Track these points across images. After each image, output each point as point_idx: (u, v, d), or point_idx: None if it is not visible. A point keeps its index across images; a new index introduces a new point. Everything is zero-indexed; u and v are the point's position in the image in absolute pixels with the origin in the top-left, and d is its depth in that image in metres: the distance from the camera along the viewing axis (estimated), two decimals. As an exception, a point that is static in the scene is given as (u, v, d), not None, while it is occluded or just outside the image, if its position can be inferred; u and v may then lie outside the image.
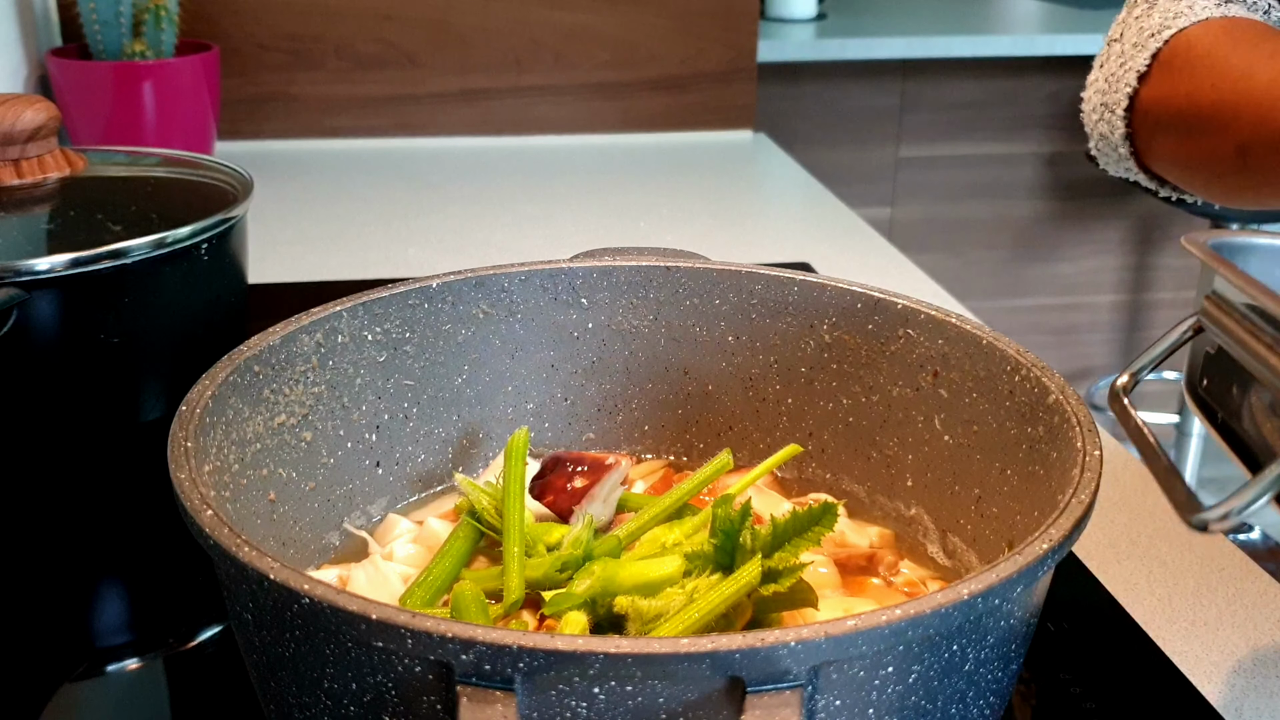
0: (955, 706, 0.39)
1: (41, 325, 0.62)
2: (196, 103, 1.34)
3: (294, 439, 0.53)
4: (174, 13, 1.31)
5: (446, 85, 1.57)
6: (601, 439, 0.63)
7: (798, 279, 0.60)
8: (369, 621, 0.34)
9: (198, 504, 0.40)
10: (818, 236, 1.25)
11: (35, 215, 0.70)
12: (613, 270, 0.61)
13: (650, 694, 0.34)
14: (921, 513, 0.57)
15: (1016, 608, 0.40)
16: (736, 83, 1.63)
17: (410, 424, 0.59)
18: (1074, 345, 2.63)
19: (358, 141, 1.57)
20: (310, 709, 0.39)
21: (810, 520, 0.43)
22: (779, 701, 0.33)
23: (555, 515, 0.52)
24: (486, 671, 0.33)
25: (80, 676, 0.57)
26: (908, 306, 0.57)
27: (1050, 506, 0.42)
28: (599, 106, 1.61)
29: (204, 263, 0.68)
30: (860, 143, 2.41)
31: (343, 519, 0.56)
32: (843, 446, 0.60)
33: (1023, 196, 2.50)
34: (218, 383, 0.48)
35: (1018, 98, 2.42)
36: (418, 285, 0.58)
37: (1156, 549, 0.66)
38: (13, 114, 0.70)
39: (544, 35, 1.57)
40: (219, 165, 0.78)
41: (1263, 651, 0.57)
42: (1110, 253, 2.57)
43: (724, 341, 0.61)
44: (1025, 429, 0.50)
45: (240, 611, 0.41)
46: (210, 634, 0.59)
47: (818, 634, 0.33)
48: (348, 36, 1.53)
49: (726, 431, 0.63)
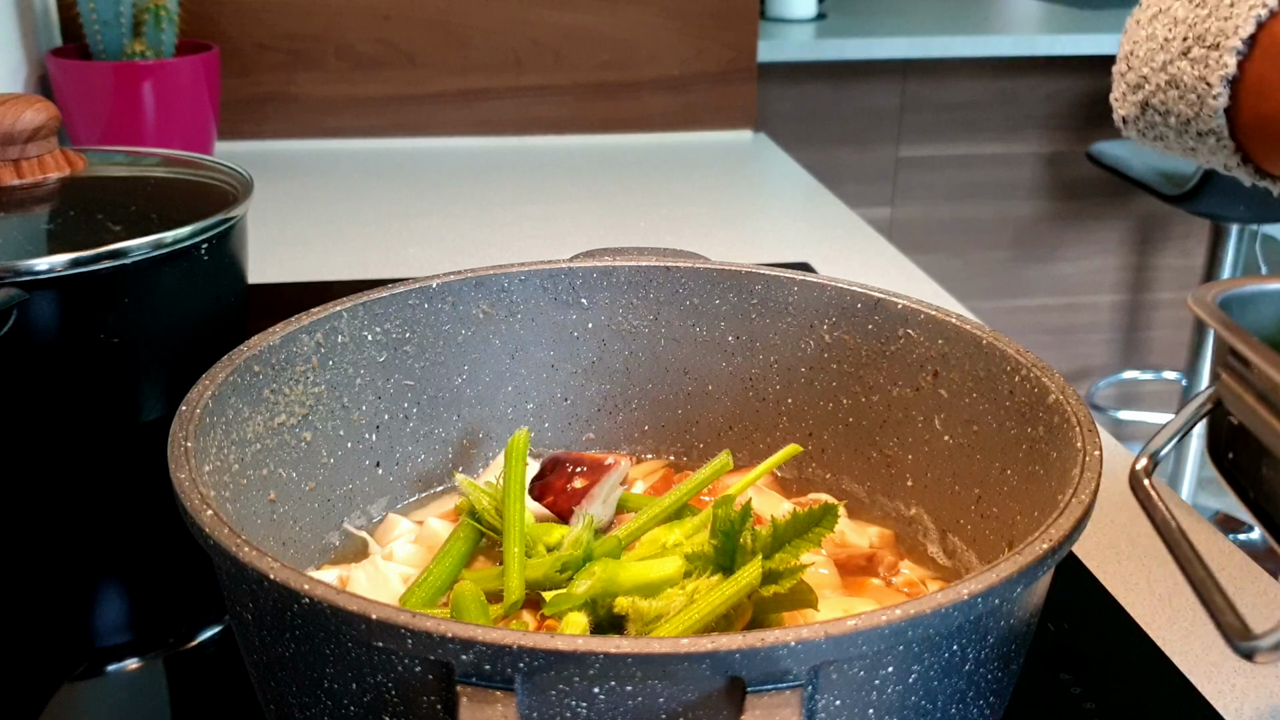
0: (955, 706, 0.39)
1: (41, 325, 0.62)
2: (196, 103, 1.34)
3: (294, 439, 0.53)
4: (174, 13, 1.31)
5: (446, 85, 1.57)
6: (601, 439, 0.63)
7: (798, 279, 0.60)
8: (369, 621, 0.34)
9: (198, 504, 0.40)
10: (818, 236, 1.25)
11: (35, 215, 0.70)
12: (613, 270, 0.61)
13: (650, 694, 0.34)
14: (921, 513, 0.57)
15: (1016, 608, 0.40)
16: (736, 83, 1.63)
17: (410, 424, 0.59)
18: (1074, 345, 2.63)
19: (358, 141, 1.57)
20: (310, 709, 0.39)
21: (810, 521, 0.43)
22: (779, 701, 0.33)
23: (555, 516, 0.52)
24: (486, 671, 0.33)
25: (80, 676, 0.57)
26: (908, 306, 0.57)
27: (1050, 506, 0.42)
28: (599, 106, 1.61)
29: (204, 263, 0.68)
30: (860, 143, 2.41)
31: (343, 519, 0.56)
32: (843, 446, 0.60)
33: (1023, 196, 2.51)
34: (218, 383, 0.48)
35: (1018, 98, 2.42)
36: (418, 285, 0.58)
37: (1156, 549, 0.66)
38: (13, 114, 0.70)
39: (544, 35, 1.57)
40: (219, 165, 0.78)
41: (1263, 651, 0.57)
42: (1110, 253, 2.57)
43: (724, 341, 0.61)
44: (1025, 429, 0.50)
45: (240, 611, 0.41)
46: (210, 634, 0.59)
47: (818, 634, 0.33)
48: (348, 36, 1.53)
49: (726, 431, 0.63)
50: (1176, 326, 2.57)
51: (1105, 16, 2.50)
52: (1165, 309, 2.61)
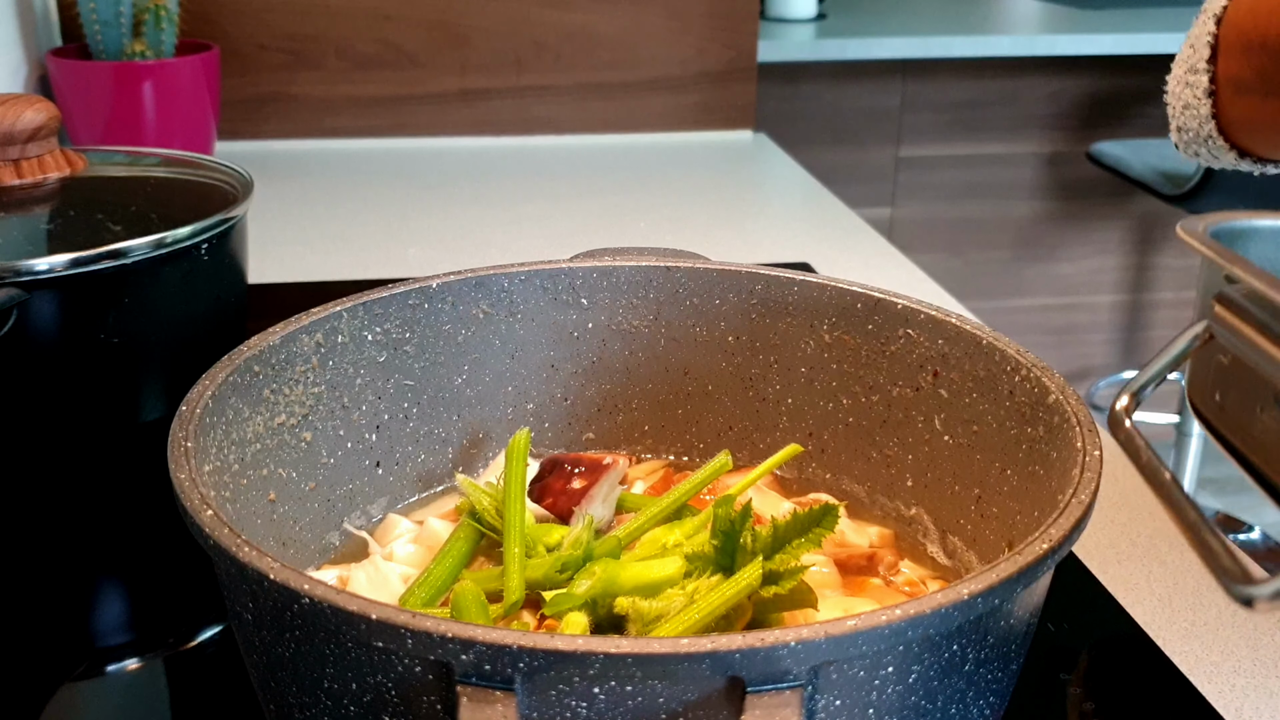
0: (955, 706, 0.39)
1: (41, 325, 0.62)
2: (196, 103, 1.34)
3: (294, 439, 0.53)
4: (174, 13, 1.31)
5: (446, 85, 1.57)
6: (601, 439, 0.63)
7: (798, 279, 0.60)
8: (369, 621, 0.34)
9: (198, 504, 0.40)
10: (818, 236, 1.25)
11: (35, 215, 0.70)
12: (613, 270, 0.61)
13: (650, 694, 0.34)
14: (921, 513, 0.57)
15: (1016, 608, 0.40)
16: (736, 83, 1.63)
17: (410, 424, 0.59)
18: (1074, 345, 2.63)
19: (358, 141, 1.57)
20: (310, 709, 0.39)
21: (811, 521, 0.43)
22: (779, 701, 0.33)
23: (555, 517, 0.52)
24: (486, 671, 0.33)
25: (80, 676, 0.57)
26: (908, 306, 0.57)
27: (1050, 506, 0.42)
28: (599, 106, 1.61)
29: (204, 263, 0.68)
30: (860, 143, 2.41)
31: (343, 519, 0.56)
32: (843, 446, 0.60)
33: (1023, 196, 2.51)
34: (218, 383, 0.48)
35: (1018, 98, 2.42)
36: (418, 285, 0.58)
37: (1156, 549, 0.66)
38: (13, 114, 0.70)
39: (544, 35, 1.57)
40: (219, 165, 0.78)
41: (1263, 651, 0.57)
42: (1110, 253, 2.57)
43: (724, 341, 0.61)
44: (1025, 429, 0.50)
45: (240, 611, 0.41)
46: (210, 634, 0.59)
47: (818, 634, 0.33)
48: (348, 36, 1.53)
49: (726, 431, 0.63)
50: (1176, 326, 2.57)
51: (1105, 16, 2.50)
52: (1165, 309, 2.61)
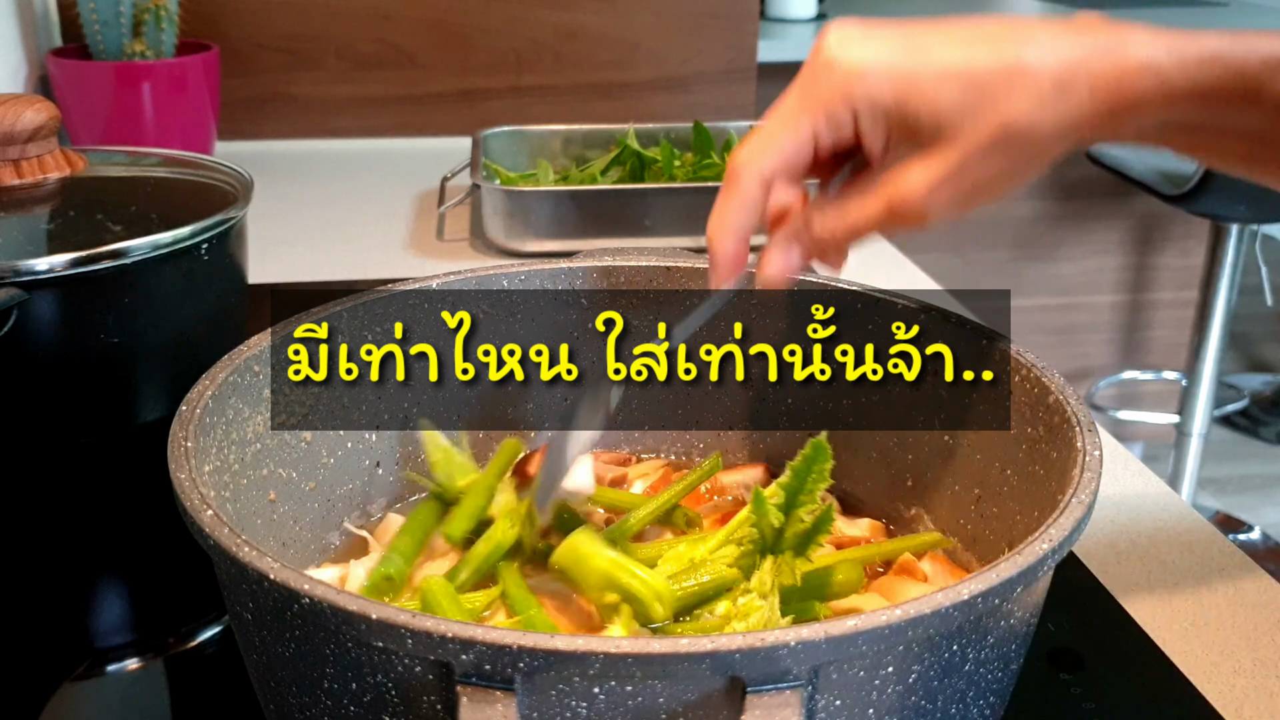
0: (955, 706, 0.39)
1: (41, 325, 0.62)
2: (196, 103, 1.33)
3: (294, 439, 0.53)
4: (174, 13, 1.31)
5: (446, 85, 1.57)
6: (601, 439, 0.63)
7: (798, 279, 0.59)
8: (369, 621, 0.34)
9: (198, 504, 0.40)
10: (818, 236, 1.25)
11: (35, 215, 0.70)
12: (613, 270, 0.61)
13: (650, 694, 0.34)
14: (921, 513, 0.57)
15: (1016, 608, 0.40)
16: (736, 83, 1.63)
17: (410, 424, 0.59)
18: (1074, 345, 2.63)
19: (358, 141, 1.57)
20: (310, 709, 0.39)
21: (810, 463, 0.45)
22: (779, 701, 0.33)
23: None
24: (486, 671, 0.33)
25: (80, 676, 0.57)
26: (907, 306, 0.57)
27: (1050, 506, 0.42)
28: (599, 106, 1.61)
29: (204, 263, 0.68)
30: (860, 143, 2.40)
31: (343, 519, 0.56)
32: (843, 446, 0.60)
33: (1023, 196, 2.50)
34: (218, 383, 0.48)
35: (1018, 98, 2.41)
36: (418, 285, 0.58)
37: (1156, 549, 0.66)
38: (13, 114, 0.70)
39: (544, 35, 1.57)
40: (219, 165, 0.78)
41: (1263, 651, 0.57)
42: (1110, 253, 2.57)
43: (724, 341, 0.61)
44: (1025, 429, 0.50)
45: (240, 611, 0.41)
46: (210, 634, 0.59)
47: (818, 634, 0.33)
48: (347, 36, 1.53)
49: (726, 431, 0.63)
50: (1176, 326, 2.57)
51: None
52: (1165, 309, 2.61)
